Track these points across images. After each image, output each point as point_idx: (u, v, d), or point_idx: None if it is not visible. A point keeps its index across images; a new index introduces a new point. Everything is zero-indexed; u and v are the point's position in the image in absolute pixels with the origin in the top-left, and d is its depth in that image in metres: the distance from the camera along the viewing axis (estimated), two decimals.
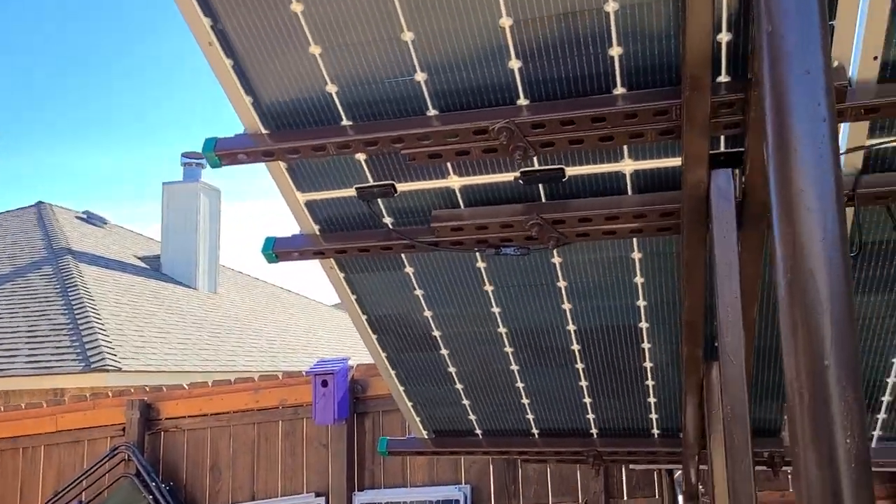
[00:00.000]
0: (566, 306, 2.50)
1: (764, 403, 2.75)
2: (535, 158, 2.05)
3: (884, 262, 2.17)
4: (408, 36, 1.80)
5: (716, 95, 1.74)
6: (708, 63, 1.63)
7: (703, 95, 1.69)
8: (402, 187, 2.20)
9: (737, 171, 1.91)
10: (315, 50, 1.86)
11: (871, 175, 1.94)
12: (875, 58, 1.71)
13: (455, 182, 2.16)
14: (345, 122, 2.01)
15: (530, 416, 3.03)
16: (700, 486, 3.10)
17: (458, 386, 2.93)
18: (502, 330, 2.64)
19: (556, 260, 2.34)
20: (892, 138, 1.86)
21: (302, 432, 5.15)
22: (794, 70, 0.98)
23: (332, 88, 1.94)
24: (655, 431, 2.99)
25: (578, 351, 2.66)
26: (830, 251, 0.93)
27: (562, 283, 2.42)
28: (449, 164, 2.11)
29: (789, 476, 4.50)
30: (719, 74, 1.80)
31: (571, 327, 2.58)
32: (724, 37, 1.72)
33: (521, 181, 2.11)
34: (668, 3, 1.69)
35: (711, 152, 1.87)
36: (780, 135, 0.98)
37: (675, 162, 2.01)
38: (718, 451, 2.33)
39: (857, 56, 1.72)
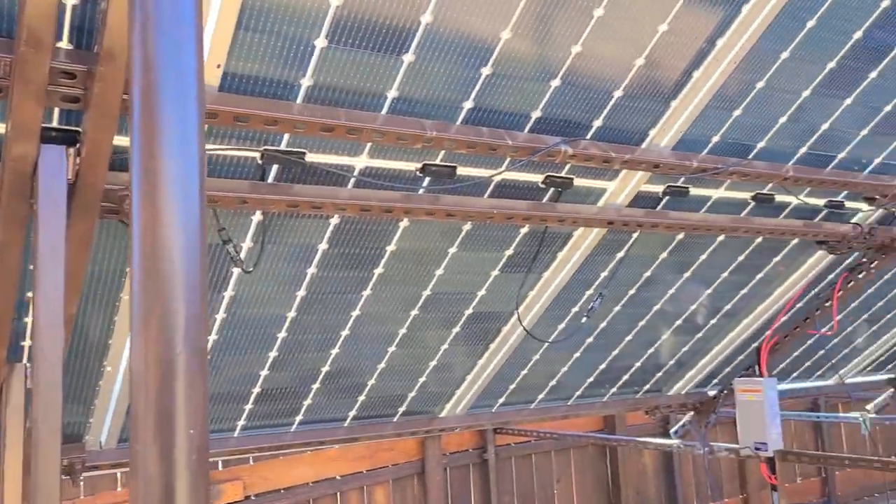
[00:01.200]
0: None
1: (67, 407, 2.57)
2: None
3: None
4: None
5: (56, 61, 1.55)
6: (52, 21, 1.43)
7: (43, 56, 1.48)
8: None
9: (71, 150, 1.73)
10: None
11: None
12: (218, 66, 1.79)
13: None
14: None
15: None
16: None
17: None
18: None
19: None
20: (224, 146, 1.98)
21: None
22: (167, 41, 0.92)
23: None
24: None
25: None
26: (190, 237, 0.89)
27: None
28: None
29: (82, 483, 4.36)
30: (61, 39, 1.60)
31: None
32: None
33: None
34: None
35: (44, 125, 1.65)
36: (148, 106, 0.90)
37: None
38: (14, 464, 2.06)
39: (204, 61, 1.76)
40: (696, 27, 2.19)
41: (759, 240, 3.33)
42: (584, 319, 3.24)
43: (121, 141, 1.78)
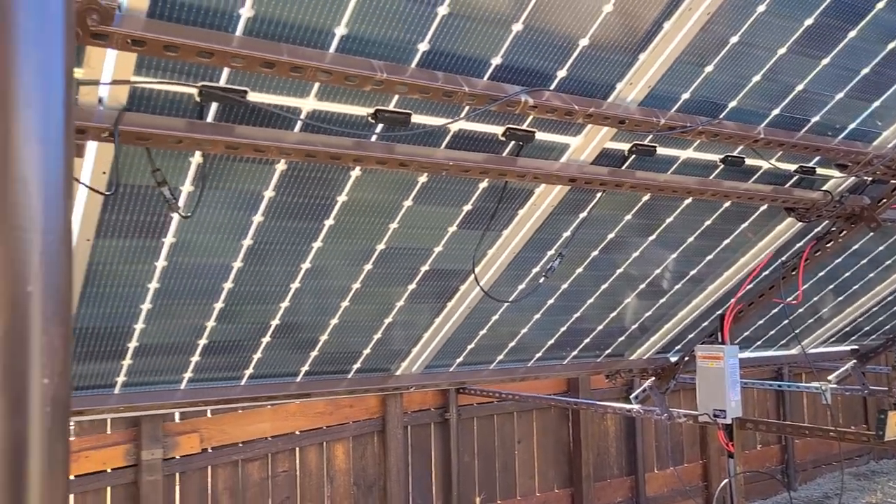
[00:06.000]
0: None
1: None
2: None
3: (138, 206, 2.16)
4: None
5: None
6: None
7: None
8: None
9: None
10: None
11: (135, 114, 1.89)
12: None
13: None
14: None
15: None
16: None
17: None
18: None
19: None
20: (156, 80, 1.85)
21: None
22: None
23: None
24: None
25: None
26: (51, 158, 0.78)
27: None
28: None
29: None
30: None
31: None
32: None
33: None
34: None
35: None
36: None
37: None
38: None
39: None
40: None
41: (727, 204, 3.25)
42: (542, 280, 3.16)
43: None
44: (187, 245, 2.36)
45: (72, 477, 4.32)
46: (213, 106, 1.98)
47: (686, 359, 4.13)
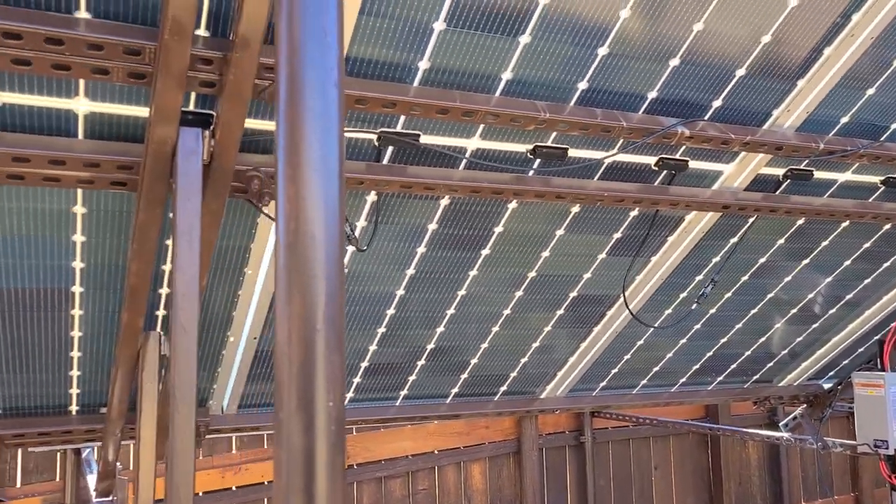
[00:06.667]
0: None
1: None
2: None
3: None
4: None
5: (194, 48, 1.63)
6: (194, 10, 1.51)
7: (184, 44, 1.56)
8: None
9: (206, 132, 1.83)
10: None
11: None
12: None
13: None
14: None
15: None
16: (118, 464, 2.92)
17: None
18: None
19: None
20: (346, 129, 2.04)
21: None
22: (311, 28, 0.96)
23: None
24: (74, 408, 2.69)
25: None
26: (330, 216, 0.93)
27: None
28: None
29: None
30: (199, 27, 1.69)
31: None
32: None
33: None
34: None
35: (182, 109, 1.75)
36: (293, 92, 0.94)
37: (139, 111, 1.82)
38: (149, 426, 2.22)
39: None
40: (829, 0, 2.07)
41: (888, 226, 3.14)
42: (694, 306, 3.16)
43: (250, 124, 1.86)
44: (358, 275, 2.56)
45: (234, 488, 4.66)
46: (389, 148, 2.16)
47: (841, 386, 3.96)
